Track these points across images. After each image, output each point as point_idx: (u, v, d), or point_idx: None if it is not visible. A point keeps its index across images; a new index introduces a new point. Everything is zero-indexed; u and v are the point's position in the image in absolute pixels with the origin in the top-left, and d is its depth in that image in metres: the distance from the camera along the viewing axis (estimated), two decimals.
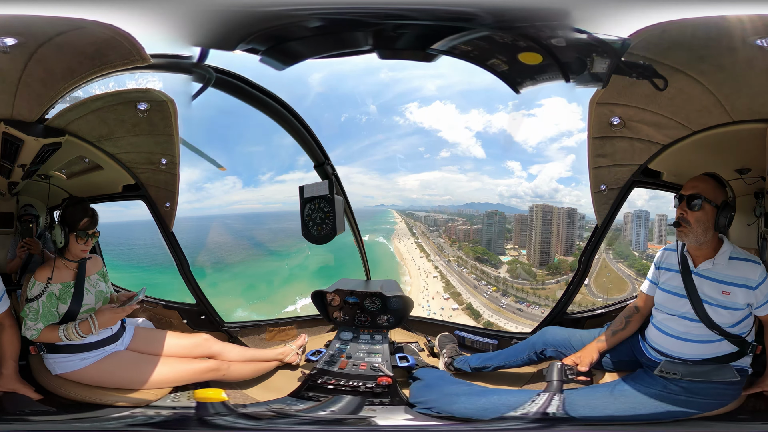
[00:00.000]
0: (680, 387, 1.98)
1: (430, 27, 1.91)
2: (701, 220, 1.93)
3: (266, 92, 2.38)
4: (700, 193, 1.94)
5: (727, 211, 1.91)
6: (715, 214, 1.92)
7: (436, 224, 10.92)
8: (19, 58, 1.93)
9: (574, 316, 2.91)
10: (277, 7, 1.87)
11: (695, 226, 1.93)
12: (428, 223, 11.13)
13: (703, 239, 1.95)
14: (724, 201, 1.93)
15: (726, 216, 1.92)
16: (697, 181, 1.99)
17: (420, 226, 11.17)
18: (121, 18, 1.87)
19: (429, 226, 11.05)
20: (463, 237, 10.10)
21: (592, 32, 1.86)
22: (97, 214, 2.32)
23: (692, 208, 1.94)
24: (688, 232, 1.95)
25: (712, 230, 1.94)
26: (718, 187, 1.96)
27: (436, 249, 10.39)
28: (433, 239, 10.66)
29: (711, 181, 1.97)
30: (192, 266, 3.05)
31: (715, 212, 1.92)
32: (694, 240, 1.96)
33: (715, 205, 1.92)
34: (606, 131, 2.37)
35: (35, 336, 2.15)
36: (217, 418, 2.16)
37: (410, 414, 2.19)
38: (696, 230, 1.93)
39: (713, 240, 2.00)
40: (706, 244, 2.00)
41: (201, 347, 2.56)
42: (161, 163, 2.74)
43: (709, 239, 1.97)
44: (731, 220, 1.94)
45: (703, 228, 1.93)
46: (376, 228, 11.14)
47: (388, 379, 2.33)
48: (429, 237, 10.79)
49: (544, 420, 1.98)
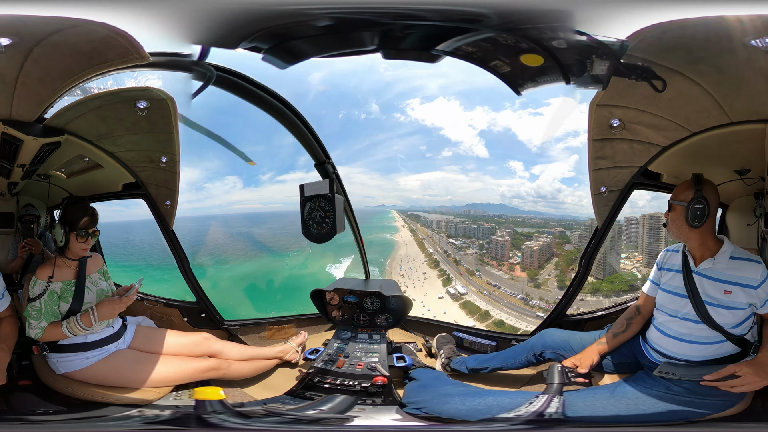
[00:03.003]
0: (683, 388, 1.98)
1: (436, 28, 1.91)
2: (673, 219, 2.08)
3: (267, 90, 2.39)
4: (672, 197, 2.10)
5: (691, 206, 1.98)
6: (685, 212, 2.00)
7: (460, 233, 8.68)
8: (16, 57, 1.93)
9: (574, 318, 2.90)
10: (286, 6, 1.87)
11: (670, 225, 2.11)
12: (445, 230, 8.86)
13: (680, 235, 2.08)
14: (692, 198, 1.99)
15: (691, 211, 1.98)
16: (677, 187, 2.10)
17: (430, 235, 9.10)
18: (122, 16, 1.87)
19: (450, 238, 8.69)
20: (542, 258, 7.39)
21: (592, 34, 1.86)
22: (97, 212, 2.33)
23: (669, 210, 2.10)
24: (668, 230, 2.15)
25: (686, 227, 2.02)
26: (690, 188, 2.02)
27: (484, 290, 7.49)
28: (466, 261, 8.22)
29: (685, 183, 2.07)
30: (192, 264, 3.06)
31: (684, 210, 2.01)
32: (673, 236, 2.13)
33: (684, 204, 2.00)
34: (606, 133, 2.37)
35: (40, 335, 2.17)
36: (216, 417, 2.16)
37: (399, 414, 2.19)
38: (671, 228, 2.11)
39: (709, 239, 2.02)
40: (697, 242, 2.03)
41: (201, 346, 2.57)
42: (161, 161, 2.75)
43: (694, 237, 2.03)
44: (701, 213, 1.97)
45: (676, 225, 2.07)
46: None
47: (383, 378, 2.33)
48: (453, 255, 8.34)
49: (542, 422, 1.98)
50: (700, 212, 1.97)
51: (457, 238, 9.13)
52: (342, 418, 2.20)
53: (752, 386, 1.91)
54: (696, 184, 2.00)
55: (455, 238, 9.13)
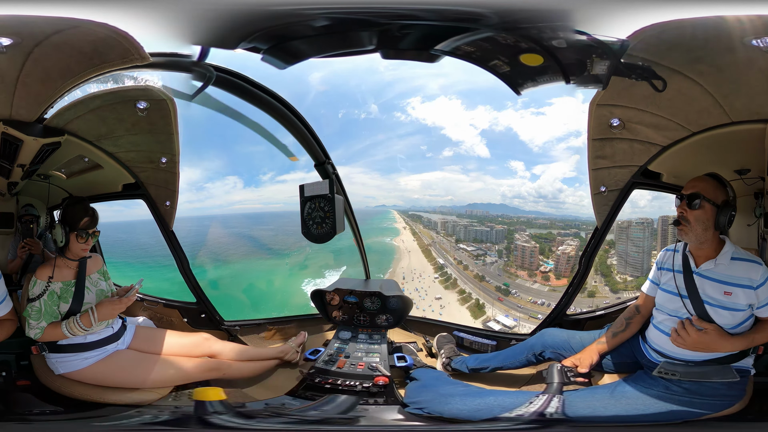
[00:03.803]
0: (682, 388, 1.98)
1: (435, 27, 1.91)
2: (701, 219, 1.93)
3: (267, 90, 2.39)
4: (700, 192, 1.94)
5: (727, 210, 1.92)
6: (715, 213, 1.93)
7: (471, 236, 6.78)
8: (16, 57, 1.93)
9: (573, 317, 2.90)
10: (285, 7, 1.88)
11: (695, 225, 1.94)
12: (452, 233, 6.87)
13: (703, 238, 1.96)
14: (725, 200, 1.94)
15: (726, 215, 1.92)
16: (697, 180, 2.00)
17: (435, 239, 7.05)
18: (122, 17, 1.88)
19: (461, 244, 6.67)
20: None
21: (593, 33, 1.86)
22: (97, 213, 2.33)
23: (692, 207, 1.95)
24: (688, 231, 1.96)
25: (712, 229, 1.94)
26: (719, 187, 1.96)
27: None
28: (488, 274, 6.13)
29: (711, 181, 1.98)
30: (192, 265, 3.06)
31: (715, 211, 1.92)
32: (693, 239, 1.97)
33: (715, 204, 1.93)
34: (606, 133, 2.37)
35: (39, 335, 2.17)
36: (216, 417, 2.16)
37: (401, 414, 2.19)
38: (696, 229, 1.94)
39: (714, 240, 1.99)
40: (707, 244, 1.99)
41: (201, 346, 2.57)
42: (161, 162, 2.75)
43: (710, 238, 1.97)
44: (732, 219, 1.93)
45: (703, 227, 1.94)
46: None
47: (384, 378, 2.33)
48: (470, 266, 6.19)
49: (542, 421, 1.98)
50: (732, 218, 1.92)
51: (468, 243, 7.62)
52: (346, 418, 2.20)
53: (709, 346, 1.92)
54: (730, 189, 1.94)
55: (466, 243, 7.63)
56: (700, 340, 1.92)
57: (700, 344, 1.93)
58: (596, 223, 2.75)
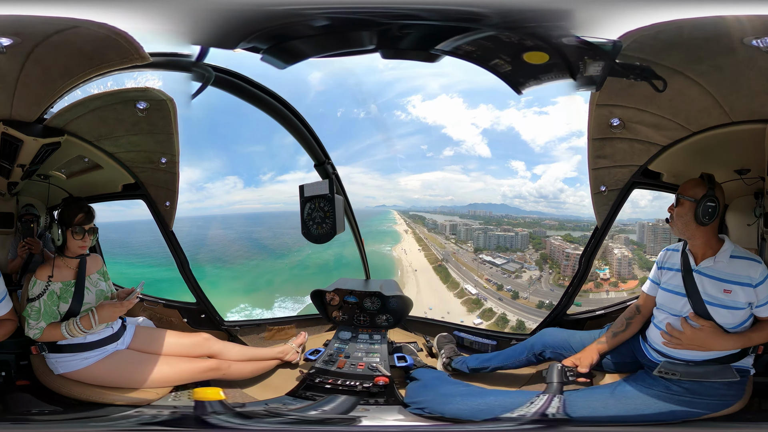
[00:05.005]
0: (682, 388, 1.98)
1: (435, 27, 1.91)
2: (680, 214, 2.05)
3: (266, 90, 2.39)
4: (680, 192, 2.08)
5: (702, 203, 1.98)
6: (694, 208, 2.00)
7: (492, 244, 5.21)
8: (16, 58, 1.93)
9: (573, 317, 2.90)
10: (284, 6, 1.87)
11: (676, 220, 2.07)
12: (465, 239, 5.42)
13: (687, 233, 2.05)
14: (703, 195, 1.99)
15: (703, 208, 1.97)
16: (685, 182, 2.09)
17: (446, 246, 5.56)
18: (122, 17, 1.87)
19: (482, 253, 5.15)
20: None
21: (592, 34, 1.85)
22: (93, 210, 2.33)
23: (676, 204, 2.08)
24: (672, 225, 2.10)
25: (693, 223, 2.01)
26: (700, 185, 2.02)
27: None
28: (547, 294, 4.70)
29: (694, 180, 2.06)
30: (193, 265, 3.06)
31: (693, 206, 2.00)
32: (677, 232, 2.10)
33: (694, 200, 2.00)
34: (606, 132, 2.37)
35: (38, 335, 2.17)
36: (215, 417, 2.16)
37: (402, 414, 2.19)
38: (677, 223, 2.07)
39: (708, 237, 2.02)
40: (699, 240, 2.03)
41: (201, 347, 2.57)
42: (161, 162, 2.75)
43: (696, 234, 2.02)
44: (712, 211, 1.97)
45: (683, 221, 2.04)
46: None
47: (385, 379, 2.33)
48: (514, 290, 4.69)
49: (542, 421, 1.98)
50: (712, 210, 1.97)
51: (491, 253, 5.90)
52: (347, 418, 2.20)
53: (704, 343, 1.96)
54: (709, 183, 2.00)
55: (489, 253, 5.92)
56: (695, 336, 1.97)
57: (696, 341, 1.98)
58: (596, 222, 2.75)
